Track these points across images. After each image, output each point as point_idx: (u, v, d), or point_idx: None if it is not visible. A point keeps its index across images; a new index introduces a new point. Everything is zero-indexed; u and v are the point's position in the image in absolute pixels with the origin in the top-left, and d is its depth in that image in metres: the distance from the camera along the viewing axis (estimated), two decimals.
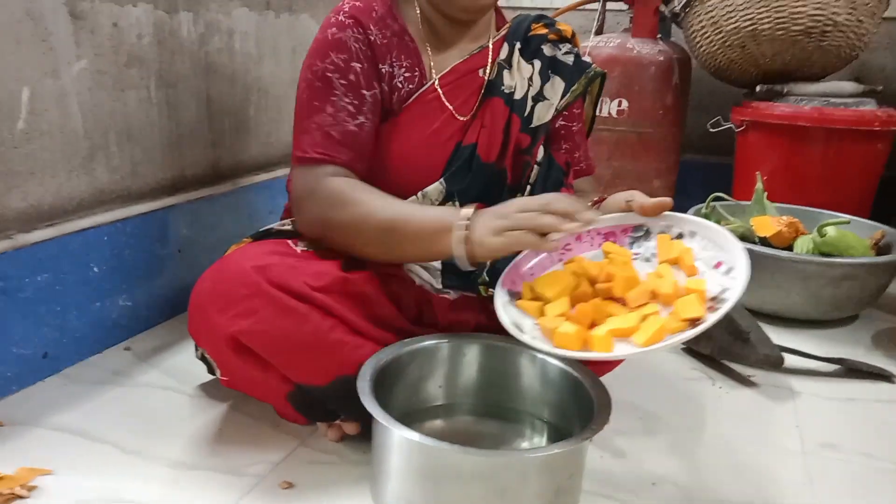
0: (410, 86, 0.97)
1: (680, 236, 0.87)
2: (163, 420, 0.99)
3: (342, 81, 0.92)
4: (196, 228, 1.35)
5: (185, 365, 1.14)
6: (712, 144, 2.12)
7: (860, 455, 0.99)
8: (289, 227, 1.01)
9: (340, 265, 0.92)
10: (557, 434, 0.88)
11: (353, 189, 0.90)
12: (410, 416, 0.89)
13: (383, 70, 0.95)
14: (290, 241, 0.96)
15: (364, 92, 0.94)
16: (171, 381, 1.10)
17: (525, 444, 0.89)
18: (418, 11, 1.00)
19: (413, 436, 0.69)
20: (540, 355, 0.87)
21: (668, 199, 0.87)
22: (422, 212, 0.88)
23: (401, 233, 0.86)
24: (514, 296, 0.87)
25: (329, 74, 0.92)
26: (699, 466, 0.95)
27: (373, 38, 0.94)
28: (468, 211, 0.84)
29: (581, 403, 0.81)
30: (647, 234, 0.89)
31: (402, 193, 0.95)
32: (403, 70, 0.97)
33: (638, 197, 0.89)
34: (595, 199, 0.99)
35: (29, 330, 1.05)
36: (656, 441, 1.00)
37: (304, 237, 0.97)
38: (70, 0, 1.06)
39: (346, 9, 0.94)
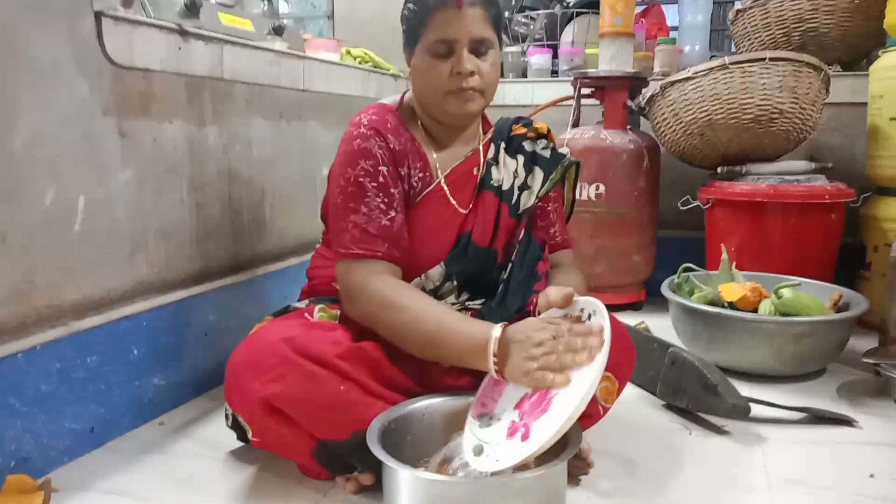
0: (422, 184, 1.15)
1: (589, 316, 1.01)
2: (199, 481, 1.11)
3: (373, 184, 1.09)
4: (219, 314, 1.51)
5: (215, 435, 1.27)
6: (685, 220, 2.30)
7: (821, 488, 1.12)
8: (304, 305, 1.17)
9: (352, 335, 1.07)
10: None
11: (398, 293, 1.03)
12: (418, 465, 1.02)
13: (402, 172, 1.13)
14: (306, 314, 1.11)
15: (392, 191, 1.10)
16: (204, 449, 1.23)
17: None
18: (420, 122, 1.19)
19: (411, 471, 0.83)
20: None
21: (569, 289, 1.02)
22: (460, 327, 0.99)
23: (441, 346, 0.99)
24: (483, 419, 1.00)
25: (361, 179, 1.09)
26: (676, 502, 1.07)
27: (392, 146, 1.12)
28: (497, 333, 0.95)
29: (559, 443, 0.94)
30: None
31: (409, 275, 1.12)
32: (417, 171, 1.14)
33: (550, 294, 1.04)
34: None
35: (79, 407, 1.19)
36: (638, 483, 1.12)
37: (321, 307, 1.13)
38: (119, 122, 1.26)
39: (365, 122, 1.12)
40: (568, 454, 0.86)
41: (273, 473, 1.13)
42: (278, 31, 1.83)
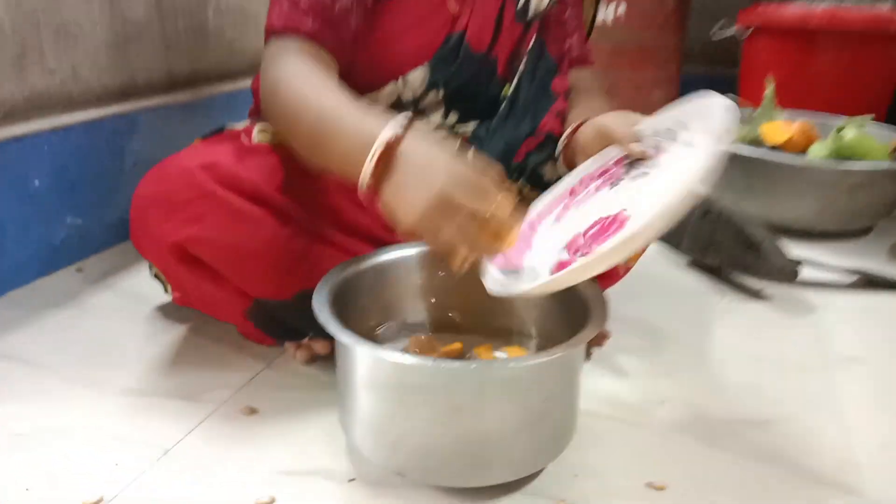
0: None
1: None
2: (113, 345, 0.88)
3: None
4: (152, 141, 1.22)
5: (142, 286, 1.03)
6: (715, 54, 1.98)
7: (887, 368, 0.90)
8: (242, 126, 0.89)
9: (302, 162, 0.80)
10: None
11: (299, 77, 0.72)
12: (384, 335, 0.79)
13: None
14: (243, 135, 0.84)
15: None
16: (126, 302, 0.99)
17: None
18: None
19: (359, 346, 0.59)
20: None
21: (634, 118, 0.76)
22: (349, 119, 0.65)
23: (322, 143, 0.67)
24: (511, 274, 0.70)
25: None
26: (712, 384, 0.85)
27: None
28: (388, 135, 0.61)
29: (575, 316, 0.70)
30: (639, 161, 0.75)
31: (382, 77, 0.83)
32: None
33: (618, 134, 0.75)
34: (566, 136, 0.86)
35: None
36: (663, 359, 0.91)
37: (263, 126, 0.85)
38: None
39: None
40: (590, 333, 0.62)
41: (207, 336, 0.90)
42: None
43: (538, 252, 0.71)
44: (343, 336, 0.60)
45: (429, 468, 0.60)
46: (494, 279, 0.67)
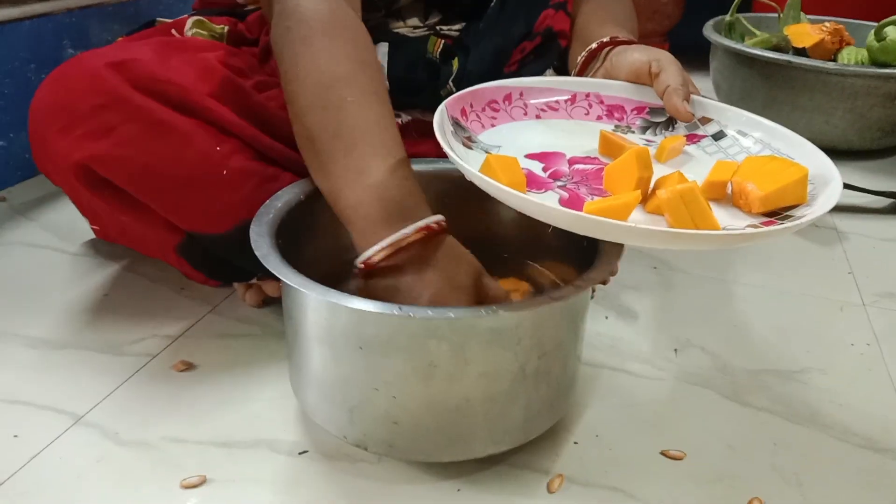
0: None
1: (720, 135, 0.61)
2: (30, 287, 0.75)
3: None
4: (86, 48, 1.05)
5: (73, 218, 0.88)
6: None
7: None
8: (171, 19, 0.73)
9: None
10: (544, 287, 0.65)
11: (331, 33, 0.55)
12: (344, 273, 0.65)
13: None
14: (173, 30, 0.68)
15: None
16: (52, 237, 0.86)
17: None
18: None
19: (308, 289, 0.45)
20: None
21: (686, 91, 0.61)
22: (376, 135, 0.51)
23: (323, 149, 0.52)
24: (460, 129, 0.58)
25: None
26: (733, 326, 0.73)
27: None
28: (427, 221, 0.48)
29: (578, 247, 0.57)
30: (670, 123, 0.63)
31: None
32: None
33: (670, 78, 0.61)
34: (601, 41, 0.70)
35: None
36: (676, 297, 0.78)
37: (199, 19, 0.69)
38: None
39: None
40: (601, 272, 0.49)
41: (144, 276, 0.77)
42: None
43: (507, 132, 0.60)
44: (287, 275, 0.47)
45: (395, 441, 0.48)
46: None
